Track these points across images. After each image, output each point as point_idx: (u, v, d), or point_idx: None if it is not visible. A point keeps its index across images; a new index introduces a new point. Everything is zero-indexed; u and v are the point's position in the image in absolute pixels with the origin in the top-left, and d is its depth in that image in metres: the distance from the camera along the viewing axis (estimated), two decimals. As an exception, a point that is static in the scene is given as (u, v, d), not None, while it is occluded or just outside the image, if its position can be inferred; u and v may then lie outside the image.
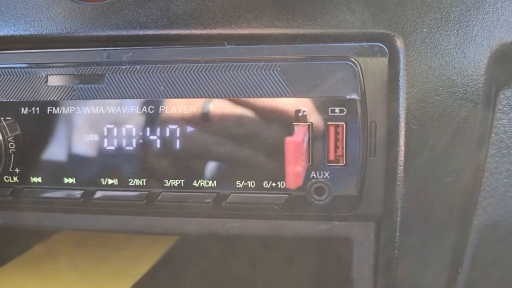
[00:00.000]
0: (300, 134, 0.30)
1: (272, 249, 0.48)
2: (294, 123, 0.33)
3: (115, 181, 0.36)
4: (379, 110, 0.33)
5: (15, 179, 0.37)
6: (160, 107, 0.35)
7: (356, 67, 0.33)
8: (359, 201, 0.34)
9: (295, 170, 0.29)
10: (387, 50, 0.33)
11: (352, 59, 0.33)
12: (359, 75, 0.33)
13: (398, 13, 0.33)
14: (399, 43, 0.33)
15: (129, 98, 0.35)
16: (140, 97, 0.35)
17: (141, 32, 0.35)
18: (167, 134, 0.35)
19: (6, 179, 0.37)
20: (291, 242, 0.47)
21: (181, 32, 0.35)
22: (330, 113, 0.33)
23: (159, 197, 0.36)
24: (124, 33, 0.35)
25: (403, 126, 0.33)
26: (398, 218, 0.35)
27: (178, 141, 0.35)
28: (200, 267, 0.51)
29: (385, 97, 0.33)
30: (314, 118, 0.33)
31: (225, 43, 0.35)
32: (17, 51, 0.37)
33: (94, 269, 0.50)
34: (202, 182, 0.35)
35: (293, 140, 0.29)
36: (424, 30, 0.33)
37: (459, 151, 0.33)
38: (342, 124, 0.33)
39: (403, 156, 0.34)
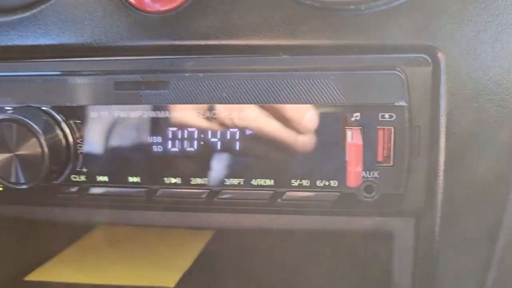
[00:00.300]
0: (358, 137, 0.34)
1: (309, 244, 0.51)
2: (346, 127, 0.36)
3: (178, 180, 0.39)
4: (423, 115, 0.37)
5: (82, 178, 0.40)
6: (221, 111, 0.38)
7: (403, 76, 0.36)
8: (403, 198, 0.38)
9: (356, 170, 0.32)
10: (430, 61, 0.37)
11: (400, 69, 0.36)
12: (406, 83, 0.36)
13: (440, 27, 0.36)
14: (441, 54, 0.36)
15: (192, 103, 0.38)
16: (203, 103, 0.38)
17: (202, 43, 0.38)
18: (228, 137, 0.38)
19: (74, 178, 0.40)
20: (328, 236, 0.50)
21: (241, 42, 0.38)
22: (380, 118, 0.36)
23: (219, 195, 0.39)
24: (187, 43, 0.38)
25: (444, 130, 0.37)
26: (439, 214, 0.38)
27: (237, 143, 0.38)
28: (241, 260, 0.54)
29: (429, 103, 0.37)
30: (366, 122, 0.36)
31: (281, 53, 0.38)
32: (85, 58, 0.40)
33: (141, 261, 0.53)
34: (260, 181, 0.38)
35: (355, 143, 0.32)
36: (464, 43, 0.36)
37: (495, 152, 0.37)
38: (391, 128, 0.36)
39: (444, 157, 0.37)
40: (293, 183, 0.38)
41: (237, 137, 0.38)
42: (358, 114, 0.36)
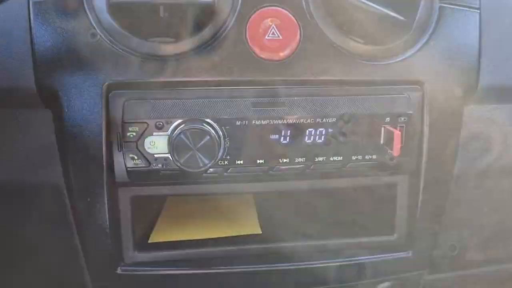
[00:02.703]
0: (397, 131, 0.64)
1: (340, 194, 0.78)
2: (382, 126, 0.66)
3: (287, 160, 0.65)
4: (418, 118, 0.68)
5: (226, 162, 0.64)
6: (315, 120, 0.65)
7: (409, 98, 0.67)
8: (405, 162, 0.69)
9: (398, 146, 0.62)
10: (421, 89, 0.68)
11: (406, 94, 0.67)
12: (410, 101, 0.67)
13: (425, 72, 0.68)
14: (426, 85, 0.67)
15: (298, 114, 0.64)
16: (304, 115, 0.64)
17: (303, 78, 0.65)
18: (314, 133, 0.65)
19: (220, 162, 0.64)
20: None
21: (315, 78, 0.65)
22: (398, 120, 0.66)
23: (312, 167, 0.66)
24: (293, 79, 0.64)
25: (428, 123, 0.68)
26: (422, 172, 0.70)
27: (323, 137, 0.65)
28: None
29: (421, 112, 0.68)
30: (392, 123, 0.66)
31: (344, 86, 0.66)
32: (233, 87, 0.63)
33: (218, 219, 0.76)
34: (334, 157, 0.66)
35: (398, 133, 0.62)
36: (439, 80, 0.68)
37: (452, 136, 0.70)
38: (404, 125, 0.67)
39: (427, 138, 0.68)
40: (353, 158, 0.67)
41: (318, 133, 0.65)
42: (388, 118, 0.66)
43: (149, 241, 0.72)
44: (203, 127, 0.61)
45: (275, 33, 0.64)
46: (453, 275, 0.84)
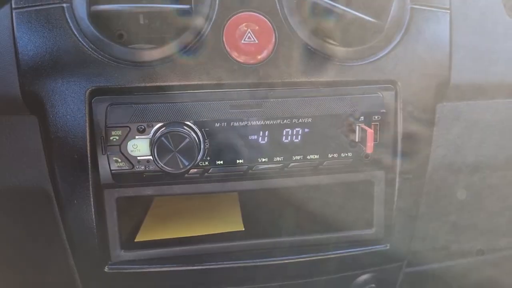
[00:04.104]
0: (370, 129, 0.66)
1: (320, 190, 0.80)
2: (357, 124, 0.68)
3: (266, 159, 0.68)
4: (392, 116, 0.70)
5: (206, 163, 0.67)
6: (290, 121, 0.67)
7: (382, 97, 0.69)
8: (381, 159, 0.71)
9: (371, 144, 0.65)
10: (394, 88, 0.70)
11: (379, 93, 0.70)
12: (383, 100, 0.69)
13: (398, 71, 0.70)
14: (399, 84, 0.70)
15: (275, 117, 0.66)
16: (281, 116, 0.67)
17: (277, 81, 0.67)
18: (289, 134, 0.67)
19: (201, 163, 0.66)
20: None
21: (293, 80, 0.67)
22: (372, 118, 0.69)
23: (289, 166, 0.68)
24: (268, 81, 0.67)
25: (401, 121, 0.71)
26: (398, 168, 0.73)
27: (299, 137, 0.68)
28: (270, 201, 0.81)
29: (394, 110, 0.70)
30: (366, 121, 0.69)
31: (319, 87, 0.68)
32: (210, 90, 0.65)
33: (203, 217, 0.78)
34: (311, 155, 0.68)
35: (371, 131, 0.64)
36: (412, 79, 0.70)
37: (426, 132, 0.72)
38: (378, 123, 0.69)
39: (401, 136, 0.71)
40: (329, 156, 0.69)
41: (295, 133, 0.68)
42: (362, 117, 0.69)
43: (135, 240, 0.74)
44: (183, 129, 0.64)
45: (251, 37, 0.66)
46: (432, 267, 0.87)
